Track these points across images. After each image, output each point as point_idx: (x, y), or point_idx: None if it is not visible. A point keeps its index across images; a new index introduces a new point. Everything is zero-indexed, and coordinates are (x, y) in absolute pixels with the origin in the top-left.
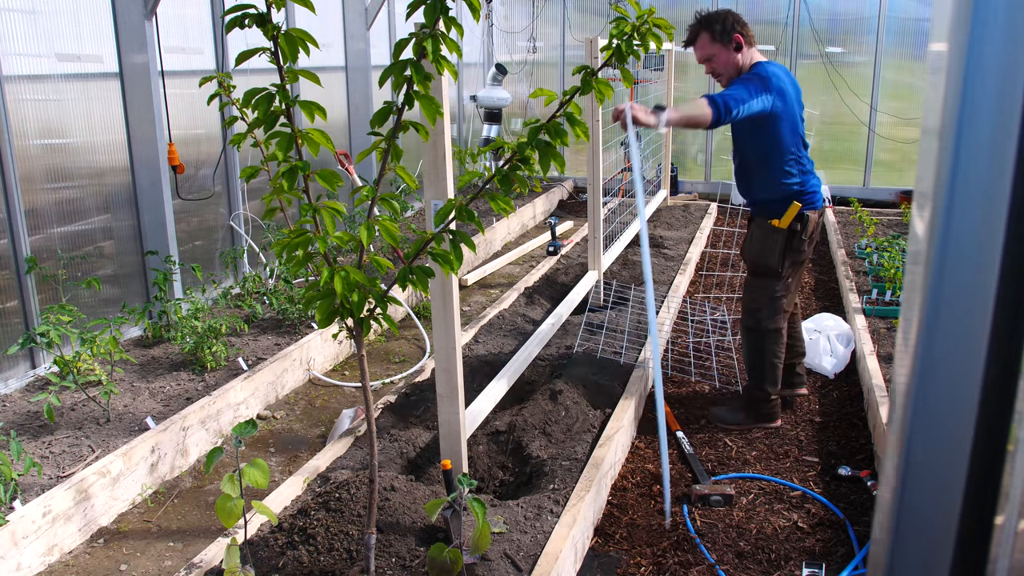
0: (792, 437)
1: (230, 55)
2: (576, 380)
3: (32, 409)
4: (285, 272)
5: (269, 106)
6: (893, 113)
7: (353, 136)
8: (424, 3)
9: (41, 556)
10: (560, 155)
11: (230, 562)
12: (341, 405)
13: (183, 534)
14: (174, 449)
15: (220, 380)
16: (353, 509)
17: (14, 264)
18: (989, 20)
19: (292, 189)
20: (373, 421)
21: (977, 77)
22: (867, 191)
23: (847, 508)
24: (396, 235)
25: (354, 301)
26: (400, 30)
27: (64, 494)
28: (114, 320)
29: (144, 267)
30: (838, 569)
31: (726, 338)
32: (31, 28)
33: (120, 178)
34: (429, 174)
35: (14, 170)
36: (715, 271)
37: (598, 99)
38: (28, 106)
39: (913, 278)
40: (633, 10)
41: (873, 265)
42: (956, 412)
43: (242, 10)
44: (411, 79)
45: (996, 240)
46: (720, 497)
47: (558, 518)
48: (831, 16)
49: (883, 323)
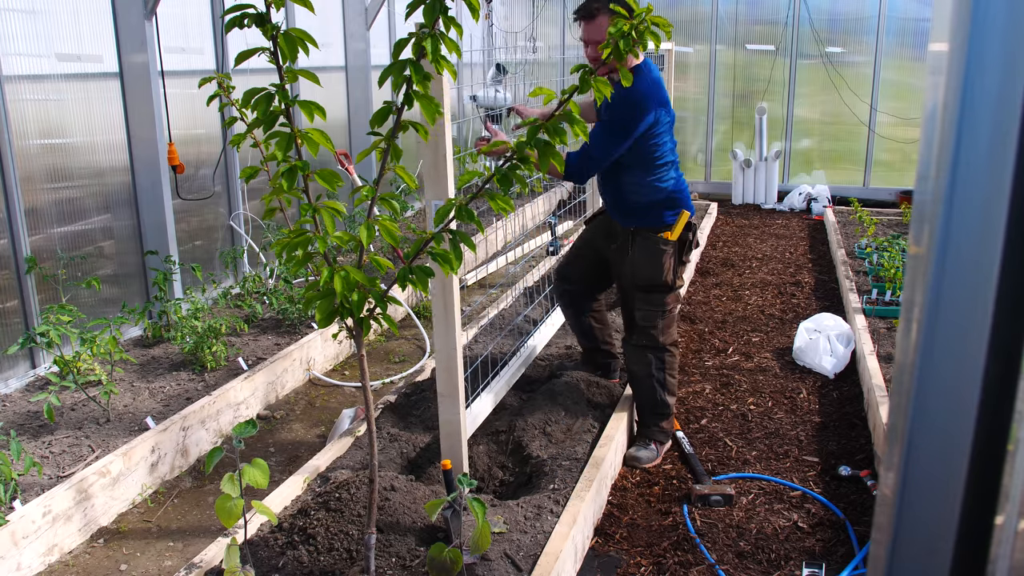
0: (792, 437)
1: (230, 55)
2: (576, 380)
3: (32, 409)
4: (285, 272)
5: (268, 106)
6: (893, 113)
7: (353, 136)
8: (424, 3)
9: (41, 556)
10: (560, 154)
11: (230, 562)
12: (341, 405)
13: (183, 534)
14: (174, 449)
15: (220, 380)
16: (353, 509)
17: (14, 264)
18: (989, 20)
19: (292, 189)
20: (373, 421)
21: (977, 77)
22: (867, 191)
23: (847, 508)
24: (396, 235)
25: (354, 301)
26: (400, 30)
27: (64, 494)
28: (114, 320)
29: (144, 267)
30: (838, 569)
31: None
32: (31, 28)
33: (120, 178)
34: (430, 174)
35: (14, 170)
36: (716, 271)
37: (597, 98)
38: (28, 106)
39: (913, 278)
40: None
41: (873, 265)
42: (956, 412)
43: (242, 10)
44: (410, 79)
45: (996, 240)
46: (720, 497)
47: (558, 518)
48: (831, 16)
49: (883, 323)
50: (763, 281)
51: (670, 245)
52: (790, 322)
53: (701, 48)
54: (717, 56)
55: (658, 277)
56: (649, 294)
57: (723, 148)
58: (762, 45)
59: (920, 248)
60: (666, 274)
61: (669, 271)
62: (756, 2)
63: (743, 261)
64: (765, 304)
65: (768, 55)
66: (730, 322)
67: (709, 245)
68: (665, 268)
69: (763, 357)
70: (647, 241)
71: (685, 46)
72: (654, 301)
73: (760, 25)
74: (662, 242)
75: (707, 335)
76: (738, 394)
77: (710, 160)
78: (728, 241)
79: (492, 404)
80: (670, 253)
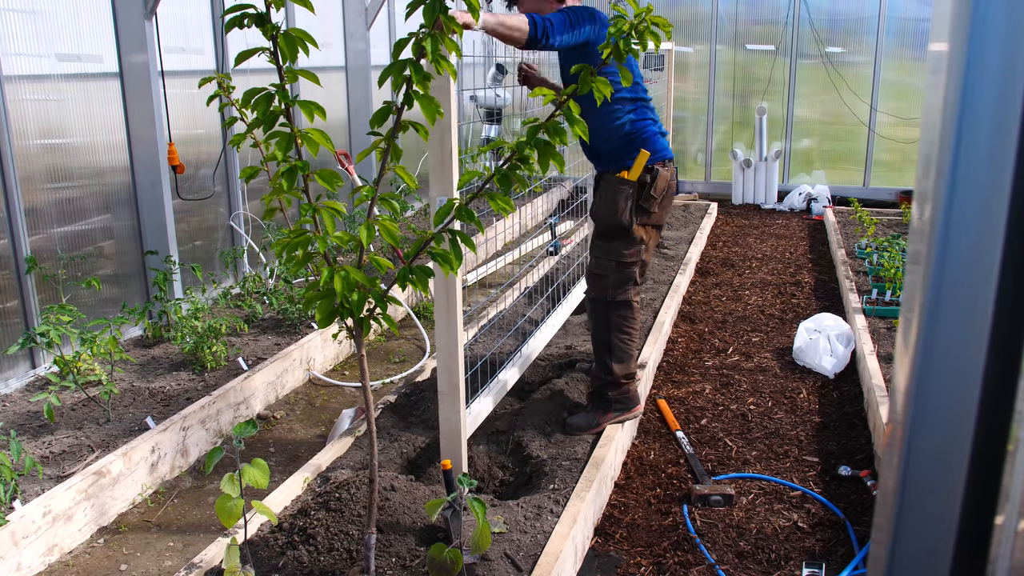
0: (792, 437)
1: (230, 55)
2: (576, 380)
3: (32, 409)
4: (285, 272)
5: (268, 106)
6: (893, 113)
7: (353, 136)
8: (424, 3)
9: (41, 556)
10: (560, 154)
11: (230, 562)
12: (341, 405)
13: (183, 534)
14: (174, 449)
15: (220, 380)
16: (353, 509)
17: (14, 264)
18: (989, 20)
19: (292, 189)
20: (373, 421)
21: (977, 77)
22: (867, 191)
23: (847, 508)
24: (396, 235)
25: (354, 301)
26: (400, 30)
27: (64, 494)
28: (114, 320)
29: (144, 267)
30: (838, 569)
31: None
32: (31, 28)
33: (120, 178)
34: (435, 171)
35: (14, 170)
36: (716, 271)
37: (596, 97)
38: (28, 106)
39: (913, 278)
40: (631, 9)
41: (873, 265)
42: (956, 412)
43: (241, 10)
44: (410, 79)
45: (996, 240)
46: (720, 497)
47: (558, 518)
48: (831, 16)
49: (883, 323)
50: (763, 281)
51: (627, 185)
52: (790, 322)
53: (701, 48)
54: (717, 56)
55: (612, 217)
56: (607, 241)
57: (723, 148)
58: (762, 45)
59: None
60: (620, 214)
61: (624, 212)
62: (756, 2)
63: (743, 261)
64: (765, 304)
65: (768, 55)
66: (730, 322)
67: (709, 245)
68: (619, 208)
69: (763, 357)
70: (607, 183)
71: (685, 46)
72: (611, 250)
73: (760, 25)
74: (619, 182)
75: (707, 335)
76: (738, 394)
77: (710, 160)
78: (728, 241)
79: (492, 404)
80: (626, 194)
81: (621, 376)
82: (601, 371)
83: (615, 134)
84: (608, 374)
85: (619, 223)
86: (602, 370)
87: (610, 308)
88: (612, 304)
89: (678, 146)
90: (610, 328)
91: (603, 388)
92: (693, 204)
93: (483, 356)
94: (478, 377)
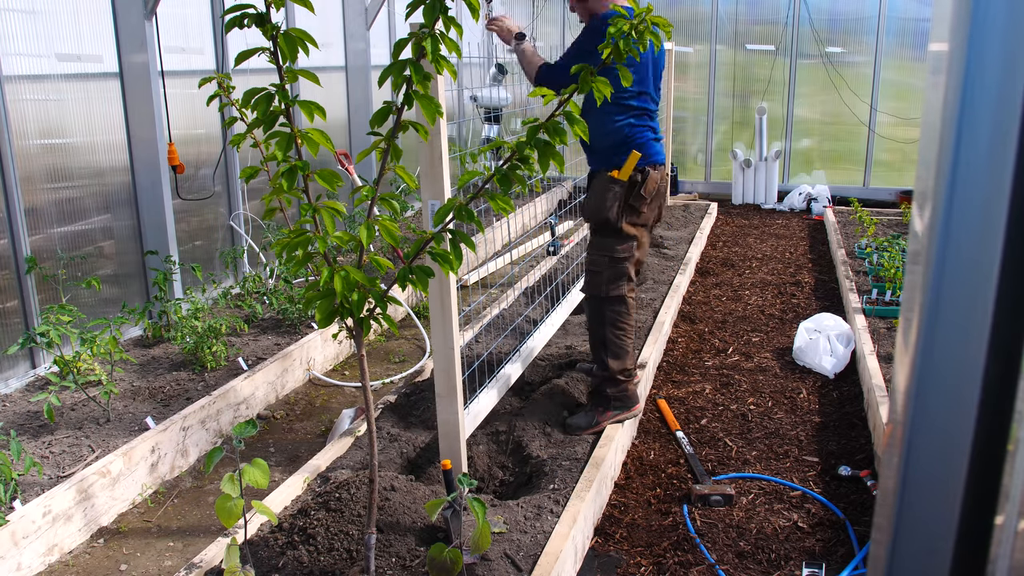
0: (792, 437)
1: (230, 55)
2: (576, 380)
3: (32, 409)
4: (285, 272)
5: (268, 106)
6: (893, 113)
7: (353, 136)
8: (424, 3)
9: (41, 556)
10: (560, 154)
11: (230, 562)
12: (341, 405)
13: (183, 534)
14: (174, 449)
15: (220, 380)
16: (353, 509)
17: (14, 264)
18: (989, 20)
19: (292, 189)
20: (373, 421)
21: (977, 77)
22: (867, 191)
23: (847, 508)
24: (396, 235)
25: (354, 301)
26: (400, 30)
27: (64, 494)
28: (114, 320)
29: (144, 267)
30: (838, 569)
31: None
32: (31, 28)
33: (120, 178)
34: (426, 173)
35: (14, 170)
36: (716, 271)
37: (596, 97)
38: (28, 106)
39: (913, 278)
40: (631, 8)
41: (873, 265)
42: (956, 412)
43: (241, 10)
44: (410, 79)
45: (996, 240)
46: (720, 497)
47: (558, 518)
48: (831, 16)
49: (883, 323)
50: (763, 281)
51: (617, 183)
52: (790, 322)
53: (701, 48)
54: (717, 56)
55: (599, 213)
56: (600, 237)
57: (723, 148)
58: (762, 45)
59: (920, 248)
60: (608, 211)
61: (611, 208)
62: (756, 2)
63: (743, 261)
64: (765, 304)
65: (768, 55)
66: (730, 322)
67: (709, 245)
68: (608, 204)
69: (763, 357)
70: (598, 180)
71: (685, 46)
72: (604, 246)
73: (760, 25)
74: (610, 180)
75: (707, 335)
76: (738, 394)
77: (710, 160)
78: (728, 241)
79: (491, 404)
80: (616, 192)
81: (617, 372)
82: (599, 368)
83: (614, 134)
84: (604, 370)
85: (606, 219)
86: (600, 367)
87: (604, 304)
88: (606, 300)
89: (678, 146)
90: (604, 323)
91: (602, 385)
92: (693, 204)
93: (482, 356)
94: (476, 377)
